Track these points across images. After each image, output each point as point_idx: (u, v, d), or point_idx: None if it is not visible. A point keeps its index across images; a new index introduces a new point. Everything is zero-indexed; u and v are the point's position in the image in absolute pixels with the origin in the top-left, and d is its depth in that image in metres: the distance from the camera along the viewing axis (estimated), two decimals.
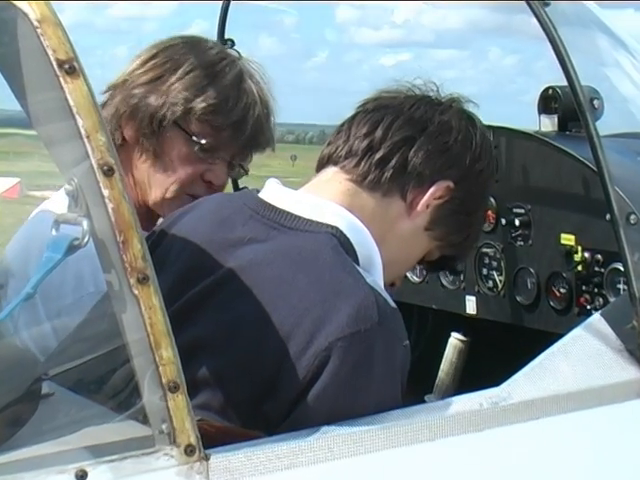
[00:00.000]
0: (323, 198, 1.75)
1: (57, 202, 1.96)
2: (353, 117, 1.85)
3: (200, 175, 2.18)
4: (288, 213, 1.72)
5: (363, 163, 1.78)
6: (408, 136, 1.79)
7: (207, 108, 2.14)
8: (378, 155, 1.78)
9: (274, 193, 1.77)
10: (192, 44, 2.23)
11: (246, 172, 2.28)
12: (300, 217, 1.71)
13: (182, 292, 1.67)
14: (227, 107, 2.15)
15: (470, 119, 1.87)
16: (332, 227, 1.69)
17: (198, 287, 1.68)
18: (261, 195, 1.78)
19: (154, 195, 2.18)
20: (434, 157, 1.79)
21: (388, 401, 1.59)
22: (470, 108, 1.90)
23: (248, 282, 1.64)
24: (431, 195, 1.79)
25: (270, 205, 1.74)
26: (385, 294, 1.63)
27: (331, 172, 1.81)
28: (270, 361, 1.57)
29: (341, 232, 1.69)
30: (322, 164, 1.85)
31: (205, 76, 2.16)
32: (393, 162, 1.77)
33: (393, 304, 1.63)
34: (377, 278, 1.70)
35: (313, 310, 1.57)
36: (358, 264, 1.68)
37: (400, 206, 1.79)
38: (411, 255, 1.86)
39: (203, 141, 2.15)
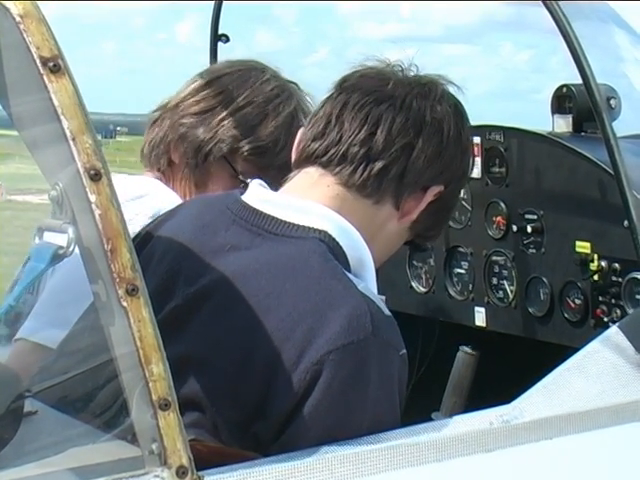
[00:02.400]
0: (310, 200, 1.75)
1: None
2: (343, 105, 1.80)
3: None
4: (273, 218, 1.71)
5: (360, 172, 1.77)
6: (407, 143, 1.79)
7: (255, 150, 2.21)
8: (378, 165, 1.77)
9: (258, 196, 1.77)
10: (248, 74, 2.26)
11: None
12: (286, 222, 1.70)
13: (163, 302, 1.67)
14: (276, 149, 2.21)
15: (458, 111, 1.88)
16: (320, 232, 1.69)
17: (181, 299, 1.68)
18: (244, 198, 1.78)
19: None
20: (431, 164, 1.80)
21: (386, 416, 1.59)
22: (454, 91, 1.90)
23: (234, 295, 1.64)
24: (425, 201, 1.81)
25: (254, 209, 1.74)
26: (378, 301, 1.63)
27: (317, 174, 1.79)
28: (259, 379, 1.57)
29: (330, 236, 1.69)
30: (307, 160, 1.81)
31: (257, 114, 2.22)
32: (393, 172, 1.77)
33: (387, 311, 1.63)
34: (369, 281, 1.71)
35: (303, 322, 1.57)
36: (349, 268, 1.68)
37: (391, 210, 1.80)
38: (391, 250, 1.89)
39: (249, 181, 2.19)
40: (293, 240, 1.68)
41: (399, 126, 1.79)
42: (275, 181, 2.18)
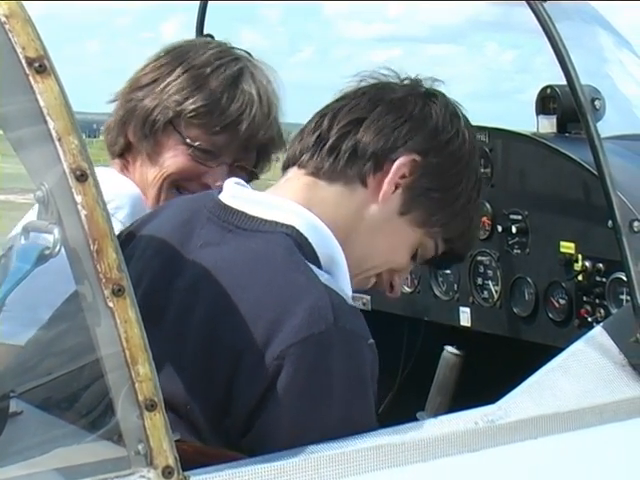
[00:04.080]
0: (281, 197, 1.77)
1: None
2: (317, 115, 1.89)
3: (198, 177, 2.22)
4: (243, 214, 1.73)
5: (316, 155, 1.80)
6: (355, 119, 1.81)
7: (197, 110, 2.18)
8: (328, 144, 1.80)
9: (232, 193, 1.79)
10: (195, 45, 2.27)
11: (257, 176, 2.31)
12: (255, 217, 1.72)
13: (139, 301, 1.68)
14: (218, 109, 2.19)
15: (429, 93, 1.87)
16: (287, 226, 1.69)
17: (156, 297, 1.69)
18: (220, 196, 1.80)
19: (150, 195, 2.23)
20: (385, 134, 1.79)
21: (357, 408, 1.59)
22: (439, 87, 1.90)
23: (203, 290, 1.65)
24: (395, 173, 1.78)
25: (226, 206, 1.76)
26: (343, 292, 1.63)
27: (291, 172, 1.84)
28: (224, 374, 1.57)
29: (297, 231, 1.69)
30: (285, 169, 1.88)
31: (198, 77, 2.20)
32: (343, 147, 1.79)
33: (351, 302, 1.64)
34: (341, 278, 1.71)
35: (266, 317, 1.57)
36: (319, 264, 1.69)
37: (364, 193, 1.80)
38: (394, 246, 1.83)
39: (197, 143, 2.18)
40: (260, 234, 1.69)
41: (348, 108, 1.83)
42: (228, 145, 2.19)
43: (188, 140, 2.19)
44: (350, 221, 1.78)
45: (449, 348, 2.59)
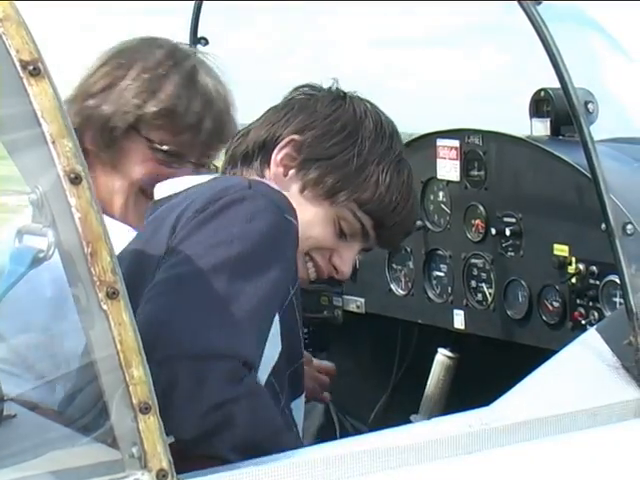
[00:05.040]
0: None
1: None
2: None
3: (166, 180, 2.20)
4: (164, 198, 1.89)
5: (227, 166, 2.04)
6: (248, 129, 2.03)
7: (160, 112, 2.16)
8: (229, 154, 2.05)
9: (159, 191, 1.94)
10: (141, 46, 2.24)
11: (217, 169, 2.30)
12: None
13: None
14: (181, 108, 2.17)
15: (314, 89, 2.02)
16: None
17: None
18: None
19: (117, 204, 2.20)
20: (267, 128, 1.98)
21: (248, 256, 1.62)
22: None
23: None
24: (277, 155, 1.94)
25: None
26: None
27: None
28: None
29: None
30: None
31: (154, 78, 2.18)
32: (238, 153, 2.00)
33: None
34: None
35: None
36: None
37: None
38: (307, 223, 1.90)
39: (165, 148, 2.17)
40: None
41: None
42: (193, 143, 2.20)
43: (155, 145, 2.17)
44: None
45: (443, 351, 2.60)
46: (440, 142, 2.53)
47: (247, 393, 1.52)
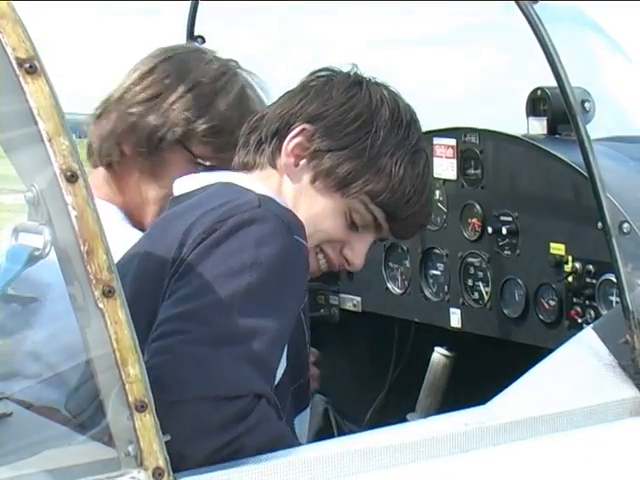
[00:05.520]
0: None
1: None
2: None
3: None
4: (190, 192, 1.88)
5: (240, 153, 1.97)
6: (262, 115, 1.97)
7: (210, 130, 2.19)
8: (241, 141, 1.98)
9: (179, 186, 1.94)
10: (191, 57, 2.26)
11: None
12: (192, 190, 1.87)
13: None
14: (230, 127, 2.19)
15: (332, 73, 1.97)
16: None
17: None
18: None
19: (149, 213, 2.23)
20: (281, 116, 1.92)
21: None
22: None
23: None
24: (288, 144, 1.89)
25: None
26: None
27: None
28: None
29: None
30: None
31: (206, 94, 2.21)
32: (251, 140, 1.94)
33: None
34: None
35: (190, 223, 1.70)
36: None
37: (276, 173, 1.91)
38: (318, 215, 1.89)
39: (208, 163, 2.18)
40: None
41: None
42: (230, 164, 2.21)
43: (199, 160, 2.19)
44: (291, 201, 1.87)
45: (439, 349, 2.60)
46: (437, 141, 2.53)
47: (256, 423, 1.51)
